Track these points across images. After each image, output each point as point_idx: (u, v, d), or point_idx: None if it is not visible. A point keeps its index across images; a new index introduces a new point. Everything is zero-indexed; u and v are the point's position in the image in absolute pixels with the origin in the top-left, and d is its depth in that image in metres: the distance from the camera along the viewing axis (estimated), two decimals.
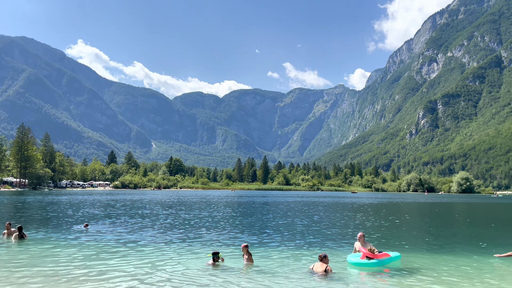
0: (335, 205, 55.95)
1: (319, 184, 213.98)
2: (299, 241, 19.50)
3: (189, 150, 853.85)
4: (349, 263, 13.90)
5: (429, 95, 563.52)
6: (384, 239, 20.63)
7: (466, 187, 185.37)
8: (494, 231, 26.98)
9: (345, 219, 32.69)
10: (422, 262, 14.49)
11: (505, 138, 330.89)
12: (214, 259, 13.41)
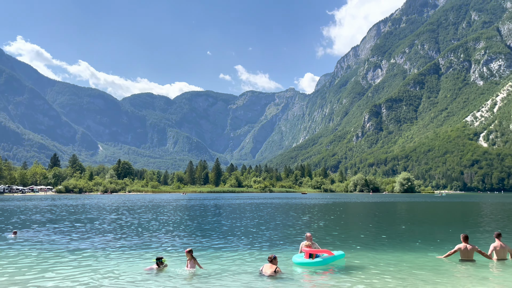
0: (285, 206, 56.81)
1: (271, 186, 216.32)
2: (249, 243, 19.44)
3: (139, 153, 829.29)
4: (294, 263, 14.11)
5: (374, 100, 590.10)
6: (331, 239, 21.17)
7: (407, 187, 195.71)
8: (436, 229, 28.61)
9: (294, 220, 33.24)
10: (365, 260, 14.92)
11: (443, 141, 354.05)
12: (157, 264, 13.03)
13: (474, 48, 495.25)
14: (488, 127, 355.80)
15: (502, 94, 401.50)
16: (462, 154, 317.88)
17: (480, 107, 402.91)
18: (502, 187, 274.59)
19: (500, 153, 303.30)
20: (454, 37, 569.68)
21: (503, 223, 31.65)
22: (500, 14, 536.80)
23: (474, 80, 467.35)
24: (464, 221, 34.99)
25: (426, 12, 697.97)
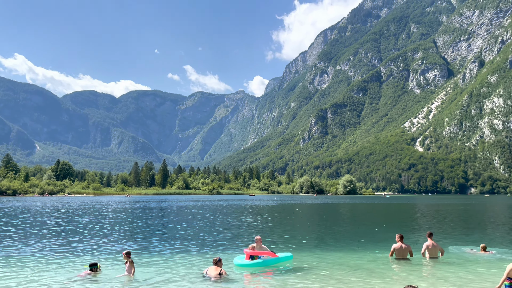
0: (233, 208, 56.57)
1: (219, 188, 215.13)
2: (194, 246, 18.99)
3: (80, 153, 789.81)
4: (235, 264, 13.99)
5: (321, 104, 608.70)
6: (281, 241, 21.22)
7: (350, 189, 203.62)
8: (378, 229, 29.73)
9: (241, 222, 33.08)
10: (311, 261, 15.08)
11: (383, 145, 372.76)
12: (91, 270, 12.32)
13: (413, 58, 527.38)
14: (423, 133, 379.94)
15: (437, 102, 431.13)
16: (400, 158, 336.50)
17: (417, 114, 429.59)
18: (436, 189, 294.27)
19: (434, 158, 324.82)
20: (395, 47, 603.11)
21: (436, 223, 33.68)
22: (436, 27, 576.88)
23: (412, 89, 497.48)
24: (402, 222, 36.80)
25: (370, 22, 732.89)
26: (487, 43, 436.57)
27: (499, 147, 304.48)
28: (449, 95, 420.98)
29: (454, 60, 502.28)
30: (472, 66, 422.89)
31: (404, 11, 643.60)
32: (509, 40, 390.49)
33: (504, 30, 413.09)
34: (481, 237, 23.28)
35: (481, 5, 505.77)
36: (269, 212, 47.36)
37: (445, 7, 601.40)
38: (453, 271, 13.36)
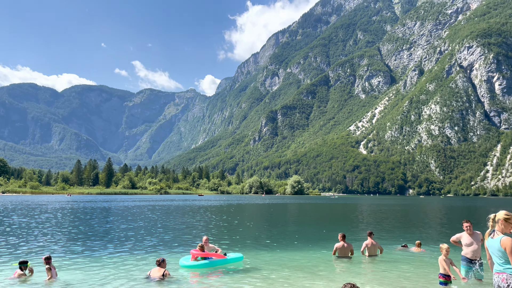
0: (179, 208, 55.51)
1: (167, 188, 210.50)
2: (137, 247, 18.24)
3: (17, 149, 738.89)
4: (181, 266, 13.67)
5: (271, 106, 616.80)
6: (228, 241, 21.01)
7: (298, 189, 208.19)
8: (323, 228, 30.40)
9: (188, 222, 32.47)
10: (259, 260, 15.05)
11: (330, 147, 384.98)
12: (21, 268, 11.47)
13: (359, 64, 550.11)
14: (367, 136, 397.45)
15: (380, 107, 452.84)
16: (345, 160, 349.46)
17: (362, 118, 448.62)
18: (377, 190, 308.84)
19: (376, 160, 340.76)
20: (343, 53, 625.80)
21: (377, 222, 35.20)
22: (381, 35, 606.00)
23: (358, 93, 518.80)
24: (346, 221, 38.03)
25: (320, 28, 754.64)
26: (427, 53, 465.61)
27: (435, 151, 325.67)
28: (391, 101, 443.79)
29: (396, 67, 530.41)
30: (413, 74, 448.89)
31: (352, 19, 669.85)
32: (446, 51, 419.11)
33: (442, 42, 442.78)
34: (416, 235, 24.61)
35: (422, 17, 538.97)
36: (216, 212, 47.03)
37: (390, 17, 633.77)
38: (391, 269, 13.93)
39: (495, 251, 7.05)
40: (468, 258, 11.66)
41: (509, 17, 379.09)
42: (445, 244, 11.52)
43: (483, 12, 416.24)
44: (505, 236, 6.89)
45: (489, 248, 7.25)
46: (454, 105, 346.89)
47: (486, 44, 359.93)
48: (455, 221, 38.43)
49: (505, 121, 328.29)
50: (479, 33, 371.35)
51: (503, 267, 6.92)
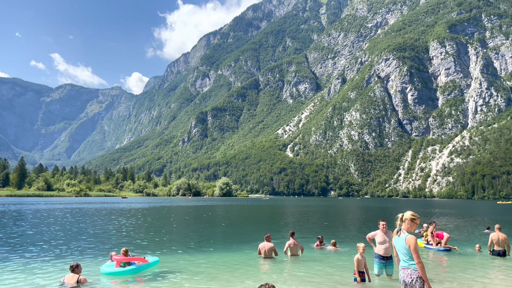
0: (100, 211, 52.94)
1: (88, 190, 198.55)
2: (51, 252, 17.24)
3: None
4: (102, 273, 13.20)
5: (201, 107, 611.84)
6: (147, 244, 20.63)
7: (226, 191, 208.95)
8: (248, 229, 31.00)
9: (106, 226, 31.18)
10: (180, 264, 15.04)
11: (258, 150, 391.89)
12: None
13: (287, 70, 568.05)
14: (294, 140, 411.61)
15: (306, 112, 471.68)
16: (273, 162, 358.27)
17: (289, 122, 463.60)
18: (302, 192, 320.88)
19: (302, 163, 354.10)
20: (272, 58, 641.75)
21: (300, 222, 36.85)
22: (308, 44, 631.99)
23: (286, 98, 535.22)
24: (272, 221, 39.23)
25: (251, 32, 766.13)
26: (349, 63, 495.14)
27: (354, 155, 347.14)
28: (317, 107, 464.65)
29: (322, 75, 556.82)
30: (336, 82, 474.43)
31: (282, 26, 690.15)
32: (366, 62, 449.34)
33: (363, 53, 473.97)
34: (334, 234, 26.34)
35: (345, 29, 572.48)
36: (139, 215, 45.73)
37: (317, 26, 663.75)
38: (310, 267, 14.87)
39: (401, 249, 7.51)
40: (381, 255, 12.84)
41: (421, 34, 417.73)
42: (362, 243, 12.52)
43: (399, 28, 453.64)
44: (409, 235, 7.35)
45: (396, 246, 7.69)
46: (372, 112, 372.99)
47: (401, 57, 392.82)
48: (370, 220, 41.61)
49: (416, 129, 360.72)
50: (395, 47, 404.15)
51: (408, 263, 7.39)
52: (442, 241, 20.04)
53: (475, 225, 37.17)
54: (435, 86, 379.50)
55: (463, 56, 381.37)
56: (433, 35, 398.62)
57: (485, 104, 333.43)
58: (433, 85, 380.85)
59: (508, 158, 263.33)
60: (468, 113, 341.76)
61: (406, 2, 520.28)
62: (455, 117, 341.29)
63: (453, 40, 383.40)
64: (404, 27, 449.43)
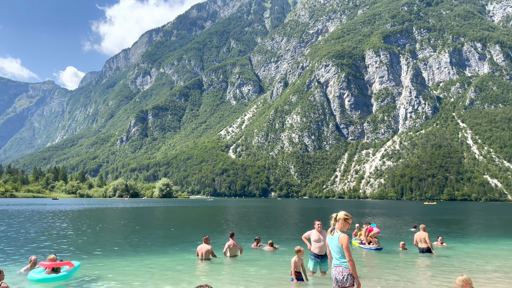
0: (26, 214, 49.49)
1: (14, 190, 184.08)
2: None
3: None
4: (31, 280, 12.48)
5: (142, 105, 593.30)
6: (71, 248, 19.79)
7: (166, 192, 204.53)
8: (186, 231, 30.70)
9: (31, 230, 29.31)
10: (101, 268, 14.64)
11: (200, 150, 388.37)
12: None
13: (231, 71, 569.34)
14: (236, 141, 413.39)
15: (249, 114, 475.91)
16: (215, 163, 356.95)
17: (232, 123, 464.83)
18: (243, 193, 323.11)
19: (244, 164, 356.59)
20: (216, 59, 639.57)
21: (240, 223, 37.27)
22: (252, 46, 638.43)
23: (229, 100, 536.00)
24: (213, 223, 39.24)
25: (195, 31, 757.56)
26: (291, 67, 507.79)
27: (294, 157, 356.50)
28: (259, 109, 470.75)
29: (265, 78, 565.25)
30: (279, 86, 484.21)
31: (226, 27, 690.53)
32: (307, 67, 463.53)
33: (304, 58, 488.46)
34: (273, 234, 27.04)
35: (288, 34, 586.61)
36: (70, 217, 43.52)
37: (260, 30, 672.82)
38: (248, 268, 15.25)
39: (334, 247, 7.82)
40: (315, 253, 13.51)
41: (358, 42, 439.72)
42: (300, 247, 13.11)
43: (338, 36, 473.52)
44: (342, 234, 7.70)
45: (329, 244, 7.99)
46: (312, 116, 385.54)
47: (339, 64, 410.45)
48: (307, 220, 43.14)
49: (352, 133, 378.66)
50: (334, 54, 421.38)
51: (340, 261, 7.72)
52: (371, 233, 21.40)
53: (403, 224, 40.05)
54: (370, 93, 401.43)
55: (396, 66, 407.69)
56: (369, 45, 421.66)
57: (414, 111, 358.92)
58: (368, 91, 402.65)
59: (433, 162, 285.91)
60: (399, 119, 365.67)
61: (345, 12, 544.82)
62: (387, 123, 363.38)
63: (387, 50, 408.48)
64: (343, 35, 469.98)
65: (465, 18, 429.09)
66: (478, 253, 20.34)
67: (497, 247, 23.32)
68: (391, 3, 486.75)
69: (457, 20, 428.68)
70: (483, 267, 16.11)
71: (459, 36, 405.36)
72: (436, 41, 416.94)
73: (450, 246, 22.52)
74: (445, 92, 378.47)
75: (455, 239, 26.73)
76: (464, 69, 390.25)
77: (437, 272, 15.00)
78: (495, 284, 12.69)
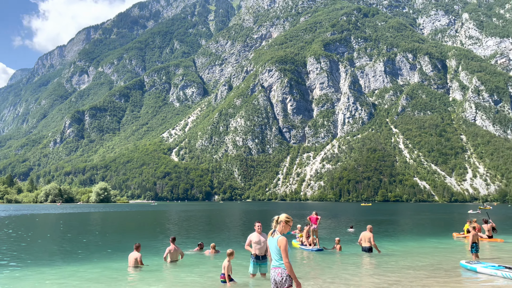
0: None
1: None
2: None
3: None
4: None
5: (78, 105, 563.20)
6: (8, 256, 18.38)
7: (104, 197, 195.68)
8: (122, 237, 29.56)
9: None
10: (37, 279, 13.86)
11: (141, 153, 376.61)
12: None
13: (174, 73, 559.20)
14: (180, 144, 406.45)
15: (193, 117, 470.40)
16: (157, 167, 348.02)
17: (175, 126, 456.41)
18: (186, 197, 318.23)
19: (187, 167, 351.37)
20: (159, 60, 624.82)
21: (181, 228, 36.68)
22: (196, 48, 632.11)
23: (172, 101, 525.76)
24: (155, 228, 38.20)
25: (136, 31, 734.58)
26: (236, 71, 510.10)
27: (238, 160, 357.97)
28: (203, 112, 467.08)
29: (209, 80, 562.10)
30: (223, 89, 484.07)
31: (170, 27, 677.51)
32: (251, 71, 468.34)
33: (249, 62, 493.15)
34: (215, 237, 26.96)
35: (233, 37, 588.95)
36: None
37: (205, 32, 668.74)
38: (187, 272, 15.09)
39: (273, 249, 7.87)
40: (256, 255, 13.69)
41: (300, 49, 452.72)
42: (231, 250, 13.23)
43: (281, 41, 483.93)
44: (281, 236, 7.75)
45: (269, 246, 8.10)
46: (256, 120, 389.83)
47: (282, 69, 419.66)
48: (248, 222, 43.50)
49: (294, 137, 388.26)
50: (277, 59, 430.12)
51: (279, 263, 7.79)
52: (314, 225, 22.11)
53: (343, 225, 41.78)
54: (311, 98, 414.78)
55: (335, 73, 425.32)
56: (310, 52, 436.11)
57: (351, 116, 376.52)
58: (310, 97, 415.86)
59: (369, 165, 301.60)
60: (338, 124, 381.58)
61: (288, 19, 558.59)
62: (327, 127, 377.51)
63: (327, 57, 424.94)
64: (286, 41, 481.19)
65: (398, 30, 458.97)
66: (408, 251, 21.80)
67: (426, 245, 25.16)
68: (331, 12, 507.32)
69: (391, 32, 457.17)
70: (414, 264, 17.30)
71: (393, 47, 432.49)
72: (372, 50, 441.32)
73: (385, 246, 23.80)
74: (380, 99, 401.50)
75: (390, 238, 28.40)
76: (397, 78, 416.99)
77: (371, 270, 15.87)
78: (421, 281, 13.68)
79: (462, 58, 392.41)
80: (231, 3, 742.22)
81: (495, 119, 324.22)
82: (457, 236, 30.23)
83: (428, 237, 30.96)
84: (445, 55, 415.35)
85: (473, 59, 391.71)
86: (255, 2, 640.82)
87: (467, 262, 16.28)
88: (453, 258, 19.27)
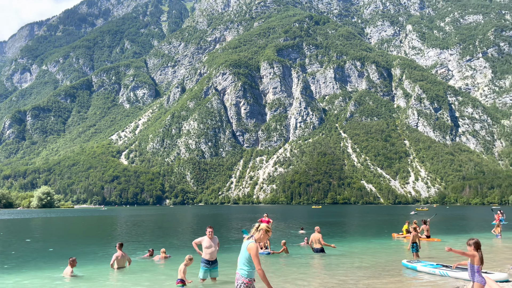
0: None
1: None
2: None
3: None
4: None
5: (19, 105, 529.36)
6: None
7: (46, 202, 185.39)
8: (61, 246, 28.23)
9: None
10: None
11: (88, 156, 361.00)
12: None
13: (125, 73, 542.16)
14: (129, 147, 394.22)
15: (144, 119, 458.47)
16: (105, 170, 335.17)
17: (125, 128, 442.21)
18: (136, 201, 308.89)
19: (137, 171, 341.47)
20: (108, 59, 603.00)
21: (129, 233, 35.66)
22: (148, 49, 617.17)
23: (122, 103, 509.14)
24: (98, 234, 36.80)
25: (84, 28, 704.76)
26: (189, 73, 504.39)
27: (191, 163, 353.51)
28: (155, 114, 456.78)
29: (161, 82, 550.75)
30: (176, 91, 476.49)
31: (120, 27, 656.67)
32: (205, 74, 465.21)
33: (202, 65, 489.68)
34: (165, 243, 26.51)
35: (186, 39, 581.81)
36: None
37: (157, 33, 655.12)
38: (134, 279, 14.75)
39: (242, 252, 7.83)
40: (206, 259, 13.65)
41: (254, 54, 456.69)
42: (190, 256, 13.17)
43: (235, 45, 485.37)
44: (252, 242, 7.62)
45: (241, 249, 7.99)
46: (209, 123, 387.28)
47: (236, 73, 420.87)
48: (199, 228, 43.18)
49: (247, 140, 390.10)
50: (231, 62, 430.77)
51: (239, 268, 7.80)
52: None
53: (293, 227, 42.62)
54: (264, 102, 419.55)
55: (288, 78, 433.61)
56: (264, 56, 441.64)
57: (303, 121, 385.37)
58: (263, 101, 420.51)
59: (319, 168, 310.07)
60: (290, 129, 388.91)
61: (242, 23, 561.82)
62: (279, 131, 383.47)
63: (280, 63, 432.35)
64: (240, 45, 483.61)
65: (347, 38, 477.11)
66: (354, 252, 22.73)
67: (370, 245, 26.35)
68: (284, 19, 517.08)
69: (340, 40, 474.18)
70: (360, 264, 18.09)
71: (342, 55, 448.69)
72: (323, 57, 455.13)
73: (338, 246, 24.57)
74: (330, 104, 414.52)
75: (338, 239, 29.40)
76: (346, 85, 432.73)
77: (318, 271, 16.39)
78: (366, 280, 14.37)
79: (406, 67, 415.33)
80: (184, 5, 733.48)
81: (435, 126, 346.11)
82: (396, 237, 31.94)
83: (372, 237, 32.44)
84: (390, 64, 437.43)
85: (416, 68, 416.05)
86: (209, 5, 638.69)
87: (408, 261, 17.33)
88: (395, 257, 20.38)
